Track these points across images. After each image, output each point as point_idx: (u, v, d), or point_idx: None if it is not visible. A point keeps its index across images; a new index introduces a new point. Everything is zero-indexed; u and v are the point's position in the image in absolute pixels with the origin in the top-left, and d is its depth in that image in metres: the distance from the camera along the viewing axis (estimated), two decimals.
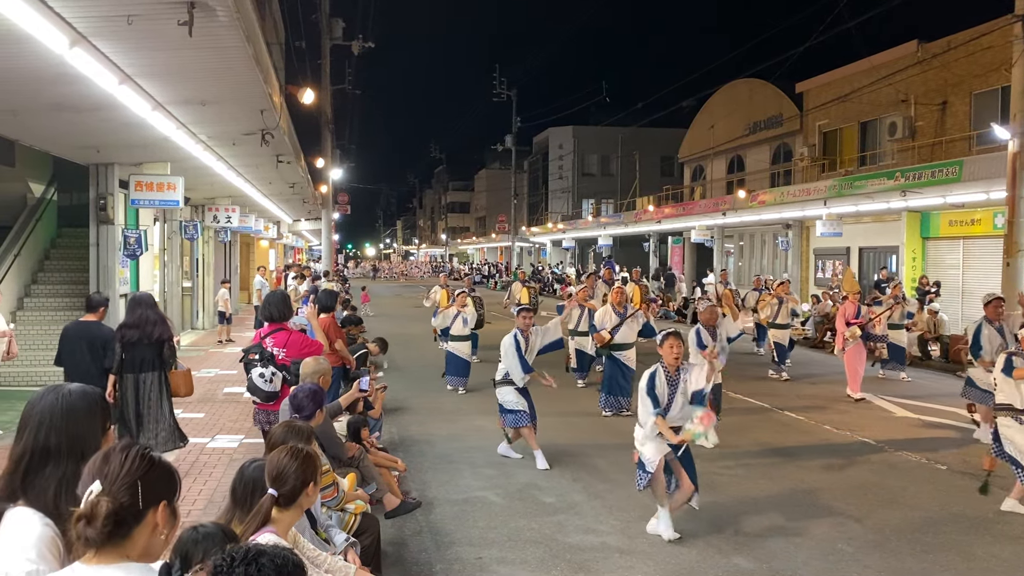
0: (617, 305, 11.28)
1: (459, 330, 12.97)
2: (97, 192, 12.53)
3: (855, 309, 12.71)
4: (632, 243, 43.09)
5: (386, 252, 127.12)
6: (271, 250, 37.38)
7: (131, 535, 1.96)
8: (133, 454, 2.00)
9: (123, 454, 2.00)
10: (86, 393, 2.31)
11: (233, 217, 20.55)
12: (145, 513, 1.98)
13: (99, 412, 2.32)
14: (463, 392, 12.61)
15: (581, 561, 5.84)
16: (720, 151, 36.06)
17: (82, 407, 2.24)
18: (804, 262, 28.65)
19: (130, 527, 1.95)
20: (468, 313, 13.11)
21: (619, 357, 10.99)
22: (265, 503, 3.12)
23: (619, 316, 11.13)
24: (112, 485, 1.95)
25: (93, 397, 2.32)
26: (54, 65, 6.43)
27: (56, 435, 2.16)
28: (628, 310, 11.24)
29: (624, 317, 11.10)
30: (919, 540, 6.25)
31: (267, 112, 9.85)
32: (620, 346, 11.03)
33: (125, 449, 2.02)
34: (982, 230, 20.29)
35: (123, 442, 2.04)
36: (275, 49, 21.25)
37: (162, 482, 2.03)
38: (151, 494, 1.99)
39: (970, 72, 21.47)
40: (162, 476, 2.04)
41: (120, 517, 1.92)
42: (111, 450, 2.02)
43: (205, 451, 8.53)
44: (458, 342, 12.98)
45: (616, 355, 10.99)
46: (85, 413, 2.23)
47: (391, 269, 78.23)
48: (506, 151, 58.32)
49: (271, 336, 6.59)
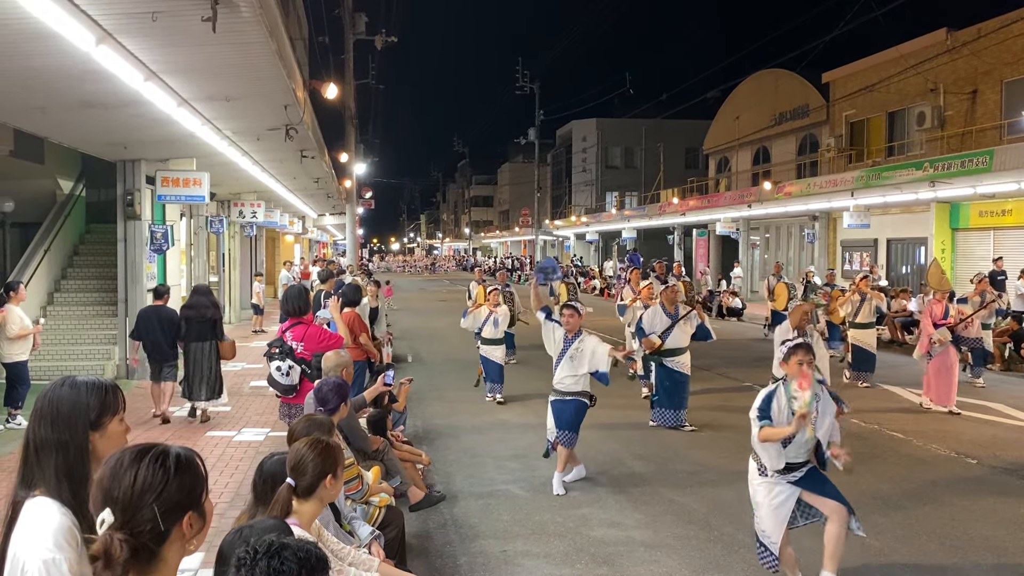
0: (668, 305, 10.00)
1: (491, 332, 11.57)
2: (124, 188, 12.68)
3: (943, 309, 11.14)
4: (656, 236, 42.85)
5: (410, 246, 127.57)
6: (296, 245, 37.62)
7: (159, 556, 1.78)
8: (145, 469, 1.76)
9: (133, 469, 1.76)
10: (76, 385, 2.23)
11: (258, 212, 20.71)
12: (170, 532, 1.78)
13: (87, 405, 2.20)
14: (501, 400, 11.38)
15: (606, 555, 5.82)
16: (745, 142, 35.75)
17: (67, 399, 2.18)
18: (831, 254, 28.34)
19: (155, 552, 1.76)
20: (500, 313, 11.68)
21: (671, 364, 9.85)
22: (282, 493, 3.12)
23: (670, 318, 9.88)
24: (125, 513, 1.73)
25: (84, 389, 2.22)
26: (80, 62, 6.49)
27: (44, 426, 2.17)
28: (679, 311, 9.97)
29: (676, 319, 9.84)
30: (948, 535, 6.17)
31: (291, 107, 9.88)
32: (672, 351, 9.82)
33: (136, 461, 1.78)
34: (1013, 220, 19.97)
35: (132, 451, 1.81)
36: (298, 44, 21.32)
37: (184, 490, 1.79)
38: (173, 510, 1.77)
39: (1001, 60, 21.12)
40: (183, 484, 1.79)
41: (140, 547, 1.73)
42: (119, 463, 1.79)
43: (232, 444, 8.61)
44: (490, 345, 11.56)
45: (668, 362, 9.85)
46: (69, 405, 2.17)
47: (415, 263, 78.45)
48: (529, 144, 58.24)
49: (291, 330, 6.64)
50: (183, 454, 1.84)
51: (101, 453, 2.17)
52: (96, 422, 2.18)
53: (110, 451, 2.09)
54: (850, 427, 8.27)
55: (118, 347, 12.81)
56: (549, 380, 7.66)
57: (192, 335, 9.76)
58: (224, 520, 5.57)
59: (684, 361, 9.92)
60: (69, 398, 2.18)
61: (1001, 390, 12.52)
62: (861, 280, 13.19)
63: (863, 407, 10.83)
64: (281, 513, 3.06)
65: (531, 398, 11.32)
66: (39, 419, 2.18)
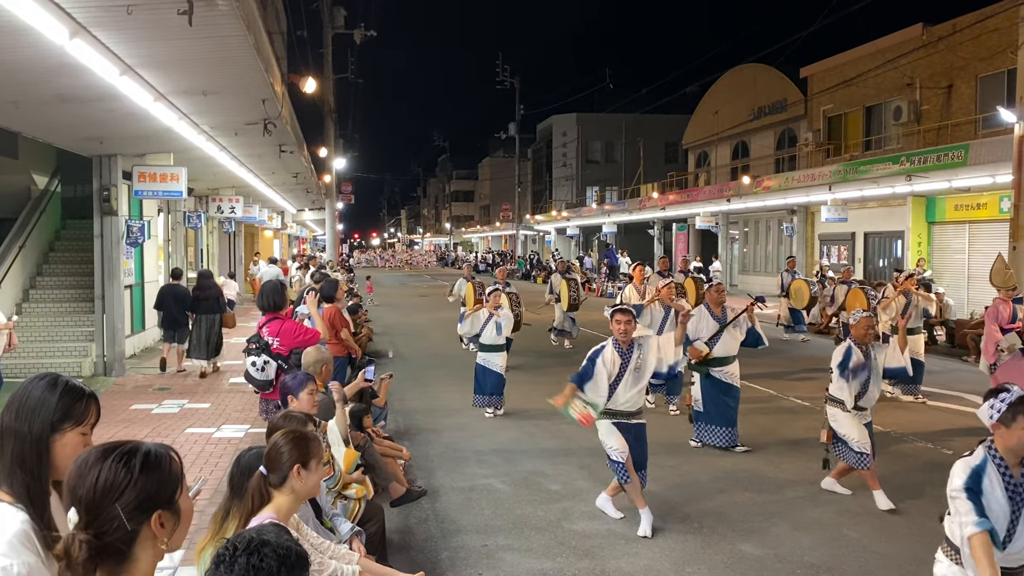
0: (714, 307, 8.66)
1: (491, 338, 10.08)
2: (101, 183, 12.53)
3: (1010, 311, 9.57)
4: (637, 230, 43.00)
5: (391, 241, 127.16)
6: (275, 240, 37.41)
7: (131, 556, 1.72)
8: (108, 468, 1.71)
9: (97, 468, 1.71)
10: (54, 383, 2.18)
11: (237, 207, 20.57)
12: (139, 531, 1.72)
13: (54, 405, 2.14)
14: (500, 414, 10.12)
15: (587, 548, 5.84)
16: (724, 137, 35.92)
17: (38, 393, 2.14)
18: (809, 248, 28.57)
19: (125, 552, 1.71)
20: (503, 317, 10.16)
21: (719, 375, 8.44)
22: (253, 482, 3.11)
23: (718, 321, 8.51)
24: (89, 513, 1.69)
25: (59, 390, 2.17)
26: (55, 56, 6.42)
27: (10, 413, 2.15)
28: (727, 314, 8.63)
29: (724, 323, 8.47)
30: (925, 526, 6.24)
31: (269, 102, 9.82)
32: (721, 360, 8.47)
33: (100, 460, 1.73)
34: (988, 214, 20.22)
35: (99, 449, 1.76)
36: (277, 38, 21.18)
37: (149, 490, 1.73)
38: (139, 510, 1.71)
39: (976, 55, 21.34)
40: (149, 483, 1.72)
41: (106, 547, 1.68)
42: (85, 462, 1.74)
43: (211, 441, 8.55)
44: (490, 352, 10.10)
45: (715, 373, 8.42)
46: (36, 400, 2.13)
47: (395, 257, 78.18)
48: (510, 139, 58.27)
49: (267, 325, 6.60)
50: (153, 452, 1.78)
51: (57, 458, 2.13)
52: (57, 425, 2.14)
53: (64, 459, 2.08)
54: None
55: (95, 344, 12.67)
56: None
57: (203, 308, 12.52)
58: (203, 517, 5.53)
59: (734, 371, 8.56)
60: (40, 393, 2.16)
61: None
62: (906, 279, 11.59)
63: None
64: (255, 504, 3.05)
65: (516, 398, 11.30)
66: (9, 406, 2.17)
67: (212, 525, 3.31)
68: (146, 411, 9.95)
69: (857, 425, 6.75)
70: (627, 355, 6.21)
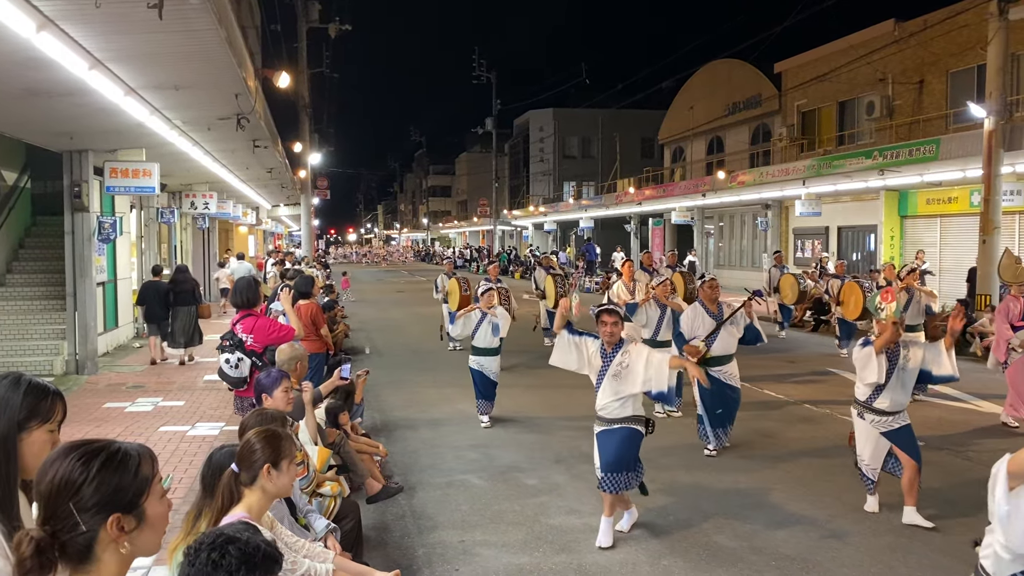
0: (709, 304, 8.33)
1: (486, 340, 9.43)
2: (71, 179, 12.34)
3: (1020, 307, 9.25)
4: (614, 225, 43.11)
5: (367, 237, 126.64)
6: (250, 236, 37.11)
7: (94, 555, 1.68)
8: (66, 466, 1.68)
9: (56, 465, 1.69)
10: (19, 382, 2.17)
11: (211, 203, 20.35)
12: (97, 532, 1.67)
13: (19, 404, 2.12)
14: (489, 424, 9.43)
15: (564, 542, 5.86)
16: (700, 132, 36.08)
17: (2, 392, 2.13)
18: (784, 242, 28.78)
19: (86, 553, 1.67)
20: (500, 317, 9.47)
21: (718, 375, 8.04)
22: (223, 479, 3.10)
23: (714, 319, 8.20)
24: (45, 509, 1.67)
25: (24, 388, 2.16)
26: (22, 49, 6.30)
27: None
28: (724, 310, 8.32)
29: (722, 320, 8.16)
30: (897, 519, 6.31)
31: (242, 96, 9.72)
32: (719, 359, 8.15)
33: (62, 457, 1.70)
34: (959, 208, 20.47)
35: (66, 447, 1.74)
36: (250, 33, 21.01)
37: (105, 491, 1.68)
38: (93, 510, 1.66)
39: (946, 51, 21.59)
40: (104, 484, 1.68)
41: (64, 545, 1.65)
42: (49, 459, 1.72)
43: (186, 439, 8.48)
44: (483, 356, 9.46)
45: (714, 372, 7.94)
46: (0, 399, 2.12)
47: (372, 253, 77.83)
48: (487, 134, 58.19)
49: (241, 322, 6.55)
50: (122, 452, 1.73)
51: (24, 457, 2.10)
52: (23, 423, 2.12)
53: (32, 458, 2.06)
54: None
55: (67, 342, 12.51)
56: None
57: (179, 301, 13.52)
58: (176, 516, 5.49)
59: (732, 371, 8.27)
60: (4, 392, 2.14)
61: None
62: (908, 275, 11.13)
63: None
64: (225, 503, 3.03)
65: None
66: None
67: (184, 524, 3.29)
68: (119, 409, 9.85)
69: (873, 440, 6.33)
70: (609, 358, 5.89)
